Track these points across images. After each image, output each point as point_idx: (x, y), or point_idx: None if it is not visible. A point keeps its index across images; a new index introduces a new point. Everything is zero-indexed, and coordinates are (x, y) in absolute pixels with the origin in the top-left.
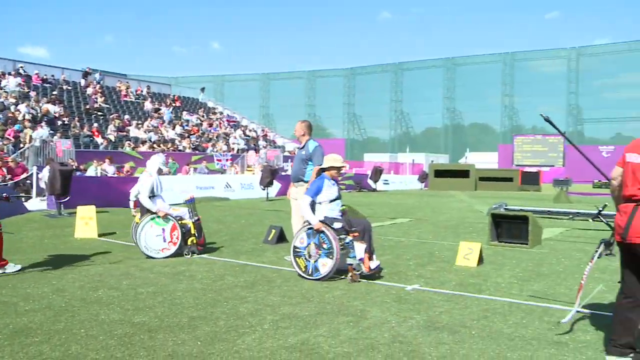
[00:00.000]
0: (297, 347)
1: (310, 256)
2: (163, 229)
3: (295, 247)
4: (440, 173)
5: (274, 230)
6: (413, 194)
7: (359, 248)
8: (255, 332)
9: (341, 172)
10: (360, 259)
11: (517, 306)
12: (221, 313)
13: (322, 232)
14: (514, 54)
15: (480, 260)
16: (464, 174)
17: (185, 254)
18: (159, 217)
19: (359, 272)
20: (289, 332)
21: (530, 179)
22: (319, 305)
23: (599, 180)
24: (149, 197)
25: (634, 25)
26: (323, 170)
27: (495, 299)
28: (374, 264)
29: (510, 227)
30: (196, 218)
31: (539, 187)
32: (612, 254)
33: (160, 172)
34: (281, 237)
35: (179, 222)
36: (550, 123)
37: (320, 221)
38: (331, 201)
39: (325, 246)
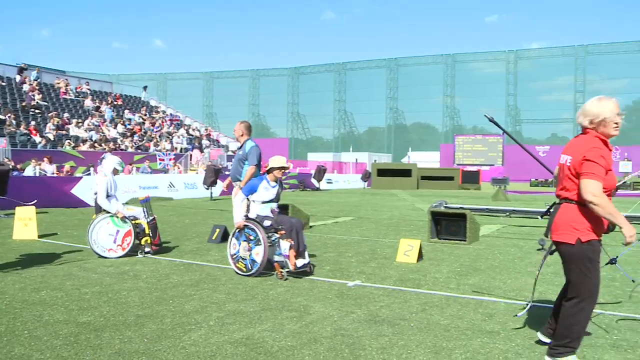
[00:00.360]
0: (243, 341)
1: (244, 254)
2: (117, 231)
3: (232, 255)
4: (382, 172)
5: (218, 230)
6: (356, 193)
7: (285, 245)
8: (201, 329)
9: (285, 172)
10: (286, 256)
11: (454, 299)
12: (167, 311)
13: (246, 226)
14: (455, 56)
15: (420, 257)
16: (406, 173)
17: (140, 254)
18: (117, 217)
19: (286, 270)
20: (234, 327)
21: (471, 178)
22: (263, 302)
23: (536, 179)
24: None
25: (568, 31)
26: (268, 171)
27: (434, 293)
28: (300, 262)
29: (449, 225)
30: (151, 218)
31: (478, 186)
32: (544, 248)
33: (115, 172)
34: (225, 236)
35: (133, 221)
36: (495, 123)
37: (251, 218)
38: (264, 202)
39: (252, 237)
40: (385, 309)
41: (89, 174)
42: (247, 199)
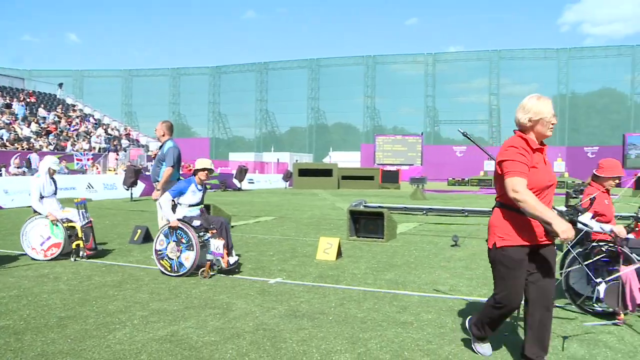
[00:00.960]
0: (167, 338)
1: (172, 255)
2: (49, 237)
3: (157, 251)
4: (304, 172)
5: (139, 230)
6: (277, 193)
7: (218, 244)
8: (125, 327)
9: (209, 175)
10: (220, 255)
11: (370, 294)
12: (90, 312)
13: (179, 227)
14: (376, 57)
15: (339, 254)
16: (327, 173)
17: (72, 258)
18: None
19: (218, 267)
20: (159, 325)
21: (390, 178)
22: (187, 300)
23: (453, 178)
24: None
25: (483, 36)
26: (194, 173)
27: (352, 288)
28: (232, 259)
29: (367, 223)
30: (87, 221)
31: (398, 185)
32: (457, 244)
33: (52, 172)
34: (147, 237)
35: (66, 224)
36: (467, 137)
37: (179, 219)
38: (191, 206)
39: (184, 241)
40: (305, 304)
41: (0, 175)
42: (173, 200)
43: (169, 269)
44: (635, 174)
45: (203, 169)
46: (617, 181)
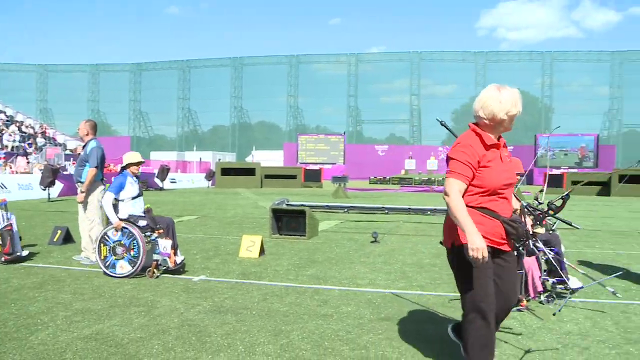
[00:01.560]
0: (93, 337)
1: (115, 252)
2: None
3: (105, 235)
4: (227, 171)
5: (59, 231)
6: (200, 192)
7: (165, 244)
8: (48, 328)
9: (140, 167)
10: (167, 255)
11: (292, 289)
12: (9, 314)
13: (131, 233)
14: (299, 57)
15: (262, 252)
16: (250, 172)
17: None
18: None
19: (165, 267)
20: (83, 324)
21: (313, 176)
22: (111, 299)
23: (375, 177)
24: None
25: (405, 38)
26: (124, 167)
27: (274, 284)
28: (179, 259)
29: (289, 221)
30: (5, 224)
31: (320, 184)
32: (377, 240)
33: None
34: (67, 238)
35: None
36: (445, 126)
37: (124, 219)
38: (133, 198)
39: (132, 253)
40: (229, 300)
41: None
42: (116, 198)
43: (102, 259)
44: (544, 173)
45: (137, 163)
46: (518, 177)
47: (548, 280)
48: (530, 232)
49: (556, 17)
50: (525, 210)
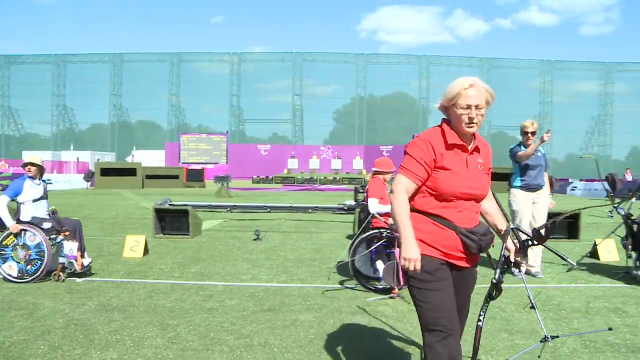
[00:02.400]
0: None
1: (17, 254)
2: None
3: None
4: (106, 171)
5: None
6: (79, 193)
7: (72, 246)
8: None
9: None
10: (73, 257)
11: (178, 286)
12: None
13: (26, 230)
14: (181, 55)
15: (146, 251)
16: (131, 172)
17: None
18: None
19: (71, 270)
20: None
21: (195, 176)
22: None
23: (258, 176)
24: None
25: (287, 38)
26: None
27: (160, 282)
28: (86, 261)
29: (172, 221)
30: None
31: (203, 184)
32: (259, 238)
33: None
34: None
35: None
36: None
37: (27, 222)
38: (35, 200)
39: (31, 261)
40: (115, 298)
41: None
42: (16, 201)
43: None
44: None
45: (29, 164)
46: (391, 174)
47: None
48: (512, 260)
49: (432, 24)
50: (513, 234)
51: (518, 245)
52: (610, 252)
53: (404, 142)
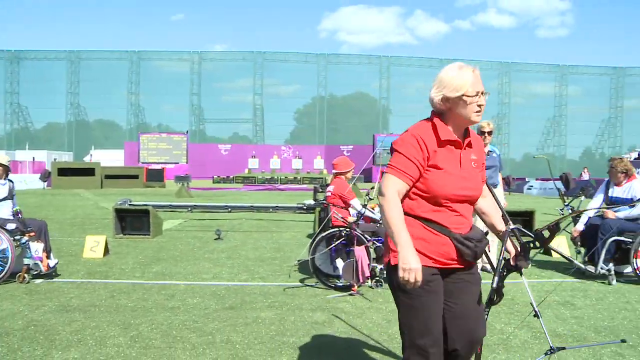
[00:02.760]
0: None
1: None
2: None
3: None
4: (64, 171)
5: None
6: (35, 194)
7: (37, 247)
8: None
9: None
10: (39, 259)
11: (139, 285)
12: None
13: None
14: (141, 53)
15: (107, 252)
16: (89, 172)
17: None
18: None
19: (36, 272)
20: None
21: (155, 176)
22: None
23: (218, 176)
24: None
25: (248, 37)
26: None
27: (121, 282)
28: (52, 262)
29: (133, 221)
30: None
31: (163, 184)
32: (220, 237)
33: None
34: None
35: None
36: None
37: None
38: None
39: None
40: (75, 299)
41: None
42: None
43: None
44: (381, 171)
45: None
46: (351, 172)
47: (377, 267)
48: (513, 264)
49: (393, 24)
50: (513, 235)
51: (519, 247)
52: (562, 248)
53: (364, 142)
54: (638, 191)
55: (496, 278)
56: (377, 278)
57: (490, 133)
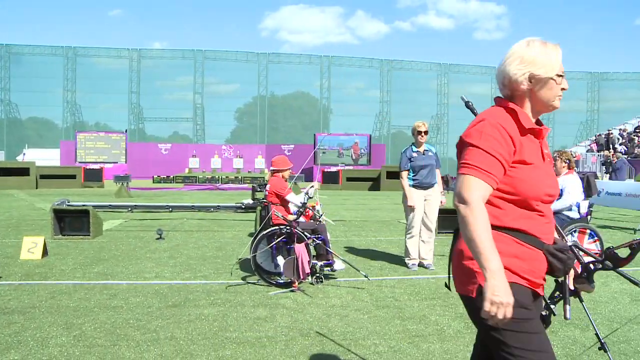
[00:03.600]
0: None
1: None
2: None
3: None
4: None
5: None
6: None
7: None
8: None
9: None
10: None
11: (80, 286)
12: None
13: None
14: (76, 49)
15: (45, 253)
16: (23, 172)
17: None
18: None
19: None
20: None
21: (94, 176)
22: None
23: (159, 176)
24: None
25: (188, 35)
26: None
27: (61, 282)
28: None
29: (72, 221)
30: None
31: (102, 184)
32: (162, 237)
33: None
34: None
35: None
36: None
37: None
38: None
39: None
40: (13, 301)
41: None
42: None
43: None
44: (321, 170)
45: None
46: (289, 171)
47: (317, 264)
48: (571, 288)
49: (333, 24)
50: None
51: (580, 269)
52: None
53: (305, 142)
54: (566, 184)
55: (548, 303)
56: (317, 275)
57: (426, 132)
